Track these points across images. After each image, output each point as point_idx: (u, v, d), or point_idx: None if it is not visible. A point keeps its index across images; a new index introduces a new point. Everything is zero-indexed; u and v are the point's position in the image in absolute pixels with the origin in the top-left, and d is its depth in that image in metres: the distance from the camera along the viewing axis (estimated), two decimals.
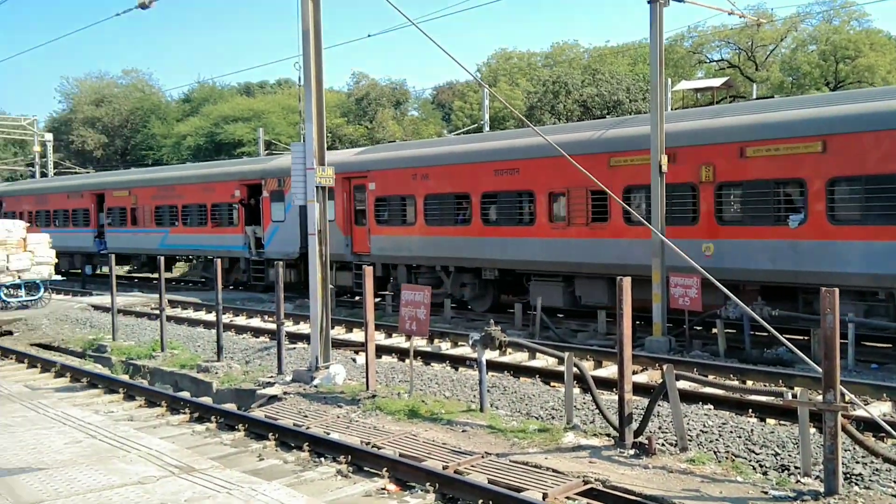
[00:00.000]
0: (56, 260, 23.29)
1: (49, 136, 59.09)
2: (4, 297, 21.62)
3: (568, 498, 7.25)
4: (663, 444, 8.52)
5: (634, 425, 8.63)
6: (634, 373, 11.87)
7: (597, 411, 9.54)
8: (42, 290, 22.43)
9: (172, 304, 21.61)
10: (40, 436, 8.31)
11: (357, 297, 22.39)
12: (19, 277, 21.72)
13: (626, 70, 48.40)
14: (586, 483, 7.47)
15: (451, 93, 63.62)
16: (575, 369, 9.66)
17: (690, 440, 8.64)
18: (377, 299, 18.93)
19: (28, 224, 24.46)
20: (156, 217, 29.79)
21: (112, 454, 7.58)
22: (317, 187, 12.40)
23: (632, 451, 8.32)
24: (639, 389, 10.70)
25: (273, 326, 15.78)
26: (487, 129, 37.67)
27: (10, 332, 19.73)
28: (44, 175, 55.08)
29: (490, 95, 41.22)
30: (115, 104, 65.38)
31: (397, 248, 20.87)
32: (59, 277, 24.32)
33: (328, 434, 9.42)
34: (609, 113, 39.98)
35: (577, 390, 10.68)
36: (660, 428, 9.10)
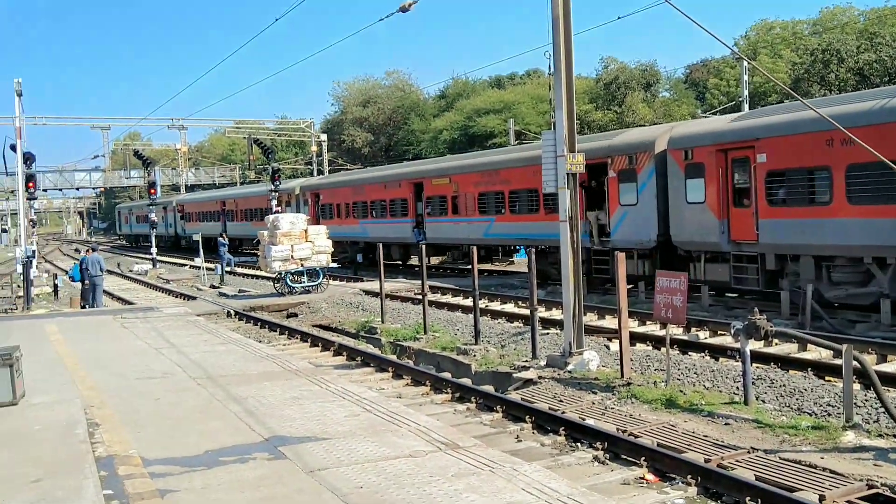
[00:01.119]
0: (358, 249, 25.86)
1: (324, 137, 64.99)
2: (290, 283, 24.15)
3: (849, 502, 6.65)
4: None
5: None
6: None
7: (881, 409, 8.65)
8: (321, 276, 24.73)
9: (433, 289, 22.83)
10: (324, 408, 9.20)
11: (746, 296, 18.95)
12: (302, 265, 24.14)
13: None
14: (871, 487, 6.80)
15: (705, 70, 60.45)
16: (855, 363, 8.80)
17: None
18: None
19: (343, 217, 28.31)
20: (479, 205, 27.43)
21: (385, 428, 8.20)
22: (567, 174, 12.44)
23: None
24: None
25: (526, 312, 16.09)
26: (747, 107, 35.32)
27: (296, 315, 22.04)
28: (320, 172, 60.70)
29: (750, 70, 38.63)
30: (380, 104, 70.19)
31: (801, 234, 16.27)
32: (335, 265, 26.68)
33: (584, 420, 9.45)
34: (891, 80, 35.73)
35: (857, 386, 9.73)
36: None
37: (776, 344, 13.26)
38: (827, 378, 11.08)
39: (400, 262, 34.22)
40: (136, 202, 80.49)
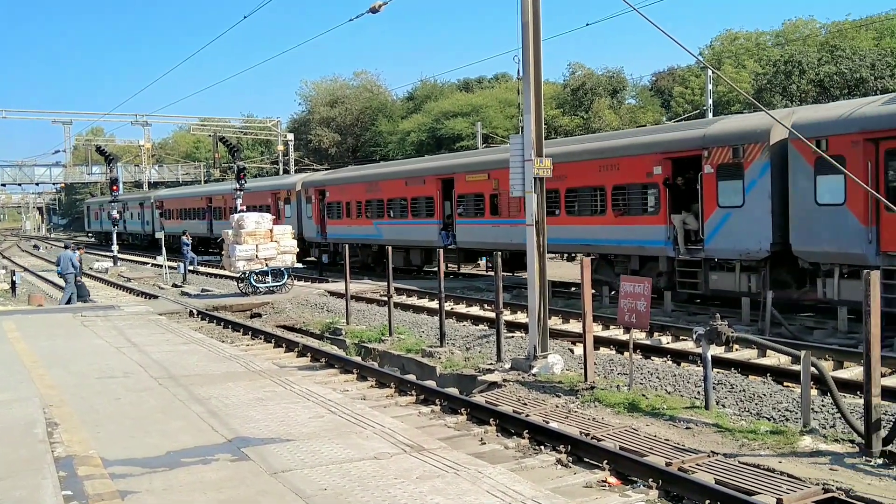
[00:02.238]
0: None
1: (290, 136, 64.57)
2: (254, 283, 23.95)
3: None
4: None
5: (883, 433, 7.88)
6: (883, 375, 10.81)
7: (837, 415, 8.84)
8: (286, 276, 24.56)
9: (398, 291, 22.81)
10: (288, 409, 9.14)
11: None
12: (266, 265, 23.96)
13: (871, 45, 43.94)
14: (826, 491, 6.95)
15: (670, 78, 61.33)
16: (813, 369, 8.99)
17: None
18: None
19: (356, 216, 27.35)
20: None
21: (350, 429, 8.18)
22: (535, 178, 12.53)
23: (880, 461, 7.63)
24: (887, 394, 9.73)
25: (491, 315, 16.16)
26: (711, 114, 35.86)
27: (259, 315, 21.87)
28: (286, 172, 60.25)
29: (714, 79, 39.23)
30: (347, 104, 69.99)
31: None
32: (300, 265, 26.49)
33: (548, 423, 9.51)
34: (850, 93, 36.55)
35: (814, 392, 9.94)
36: None
37: (736, 349, 13.50)
38: (785, 383, 11.30)
39: (416, 268, 30.68)
40: (108, 197, 77.92)
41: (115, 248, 41.34)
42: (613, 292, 19.58)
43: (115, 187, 42.19)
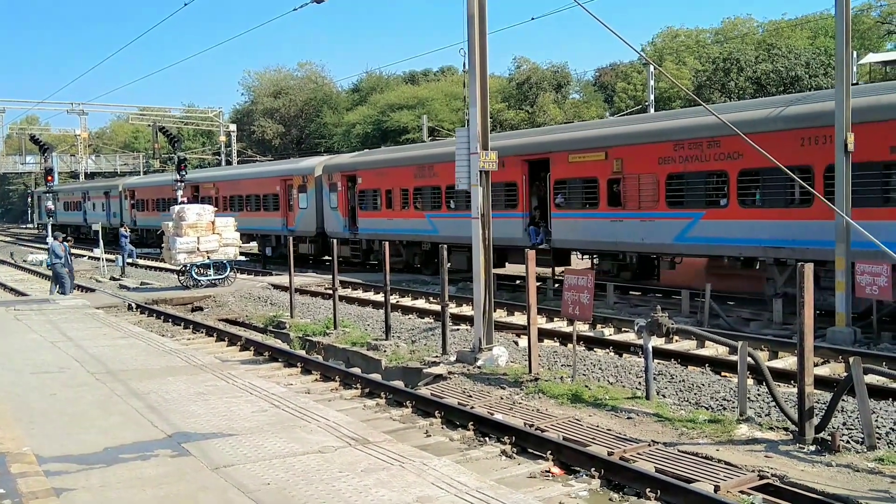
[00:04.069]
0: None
1: (233, 127, 63.48)
2: (196, 276, 23.51)
3: (742, 492, 6.98)
4: (848, 442, 8.00)
5: (815, 420, 8.15)
6: (815, 365, 11.18)
7: (772, 404, 9.10)
8: (228, 269, 24.18)
9: (343, 284, 22.65)
10: (230, 404, 9.00)
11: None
12: (208, 257, 23.53)
13: (806, 44, 45.30)
14: (762, 478, 7.16)
15: (613, 74, 62.26)
16: (749, 359, 9.24)
17: (879, 438, 8.05)
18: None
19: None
20: (670, 192, 17.97)
21: (294, 423, 8.09)
22: (480, 171, 12.56)
23: (812, 448, 7.88)
24: (819, 383, 10.06)
25: (437, 308, 16.18)
26: (653, 110, 36.50)
27: (201, 308, 21.48)
28: (228, 163, 59.22)
29: (656, 75, 39.90)
30: (292, 95, 69.17)
31: None
32: (243, 258, 26.09)
33: (492, 414, 9.58)
34: (786, 90, 37.59)
35: (750, 381, 10.21)
36: (844, 424, 8.54)
37: (677, 341, 13.79)
38: (723, 374, 11.60)
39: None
40: (63, 186, 64.74)
41: (49, 240, 40.24)
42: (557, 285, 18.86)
43: (49, 178, 40.94)
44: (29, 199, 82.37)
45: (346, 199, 29.65)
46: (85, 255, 41.26)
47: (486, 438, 8.99)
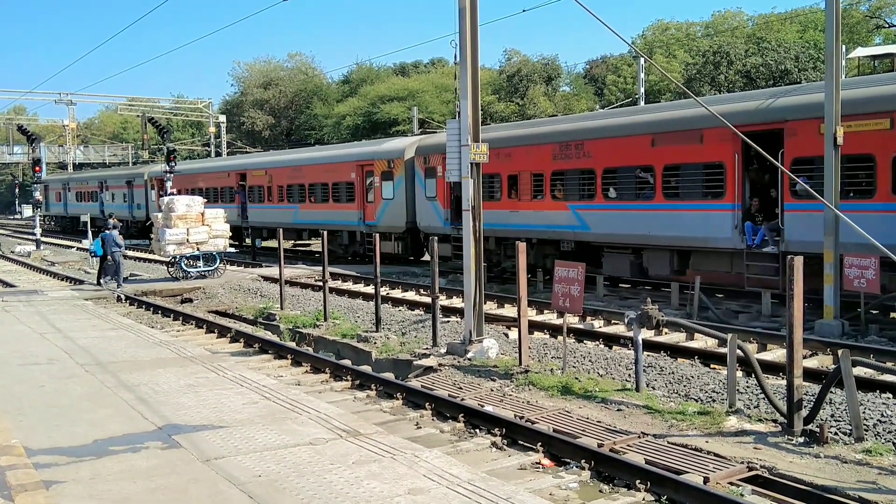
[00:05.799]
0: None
1: (223, 118, 63.17)
2: (185, 268, 23.41)
3: (731, 483, 7.02)
4: (836, 433, 8.06)
5: (804, 412, 8.21)
6: (804, 357, 11.25)
7: (761, 396, 9.15)
8: (218, 261, 24.07)
9: (333, 276, 22.59)
10: (221, 395, 8.99)
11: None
12: (198, 249, 23.43)
13: (795, 38, 45.44)
14: (751, 469, 7.21)
15: (604, 67, 62.26)
16: (738, 351, 9.29)
17: (867, 430, 8.11)
18: None
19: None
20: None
21: (285, 415, 8.09)
22: (471, 164, 12.54)
23: (801, 439, 7.94)
24: (808, 375, 10.12)
25: (427, 300, 16.17)
26: (643, 103, 36.54)
27: (191, 300, 21.40)
28: (218, 154, 58.92)
29: (646, 68, 39.94)
30: (282, 87, 68.82)
31: None
32: (232, 250, 25.97)
33: (482, 406, 9.59)
34: (775, 83, 37.71)
35: (739, 373, 10.27)
36: (832, 416, 8.60)
37: (666, 333, 13.82)
38: (712, 366, 11.64)
39: (647, 280, 19.59)
40: (75, 174, 59.21)
41: (38, 231, 40.07)
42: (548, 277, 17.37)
43: (37, 168, 40.73)
44: (41, 189, 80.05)
45: (447, 186, 23.77)
46: (73, 247, 41.04)
47: (477, 430, 9.00)
